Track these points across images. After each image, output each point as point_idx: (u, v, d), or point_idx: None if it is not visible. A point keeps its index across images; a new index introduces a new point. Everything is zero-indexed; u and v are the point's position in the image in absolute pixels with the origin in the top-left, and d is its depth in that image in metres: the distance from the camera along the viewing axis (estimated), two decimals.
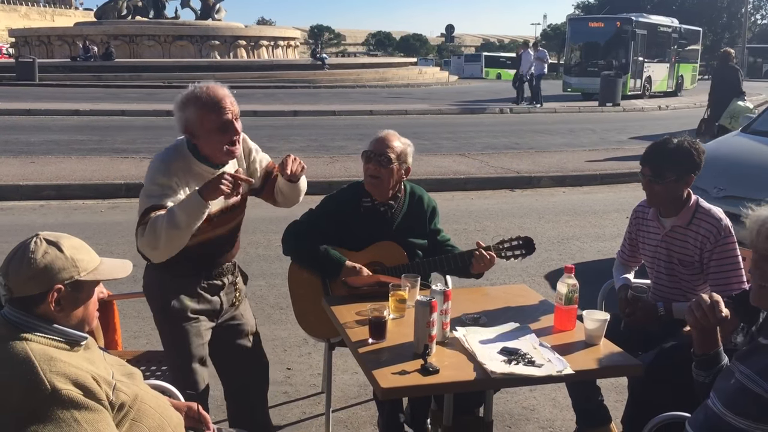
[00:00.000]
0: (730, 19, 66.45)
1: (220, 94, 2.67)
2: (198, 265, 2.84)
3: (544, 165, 11.54)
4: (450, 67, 50.68)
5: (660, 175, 3.07)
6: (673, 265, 3.19)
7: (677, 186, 3.09)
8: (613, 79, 24.31)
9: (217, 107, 2.64)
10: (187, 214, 2.56)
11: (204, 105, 2.64)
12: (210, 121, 2.64)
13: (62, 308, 1.85)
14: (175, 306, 2.81)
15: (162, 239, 2.56)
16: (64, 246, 1.87)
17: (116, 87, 26.39)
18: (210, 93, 2.65)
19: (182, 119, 2.68)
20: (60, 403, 1.71)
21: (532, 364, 2.41)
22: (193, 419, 2.25)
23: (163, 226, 2.54)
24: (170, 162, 2.71)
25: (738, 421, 1.88)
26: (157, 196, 2.63)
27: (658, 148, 3.12)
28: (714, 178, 5.95)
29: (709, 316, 2.05)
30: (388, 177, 3.24)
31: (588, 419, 3.34)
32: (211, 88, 2.67)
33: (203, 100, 2.64)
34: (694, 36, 33.91)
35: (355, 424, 3.72)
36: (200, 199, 2.56)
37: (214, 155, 2.72)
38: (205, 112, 2.64)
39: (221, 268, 2.94)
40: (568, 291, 2.71)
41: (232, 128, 2.69)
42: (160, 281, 2.86)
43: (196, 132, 2.67)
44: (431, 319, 2.44)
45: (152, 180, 2.67)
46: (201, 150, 2.72)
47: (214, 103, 2.64)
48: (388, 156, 3.22)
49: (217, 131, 2.65)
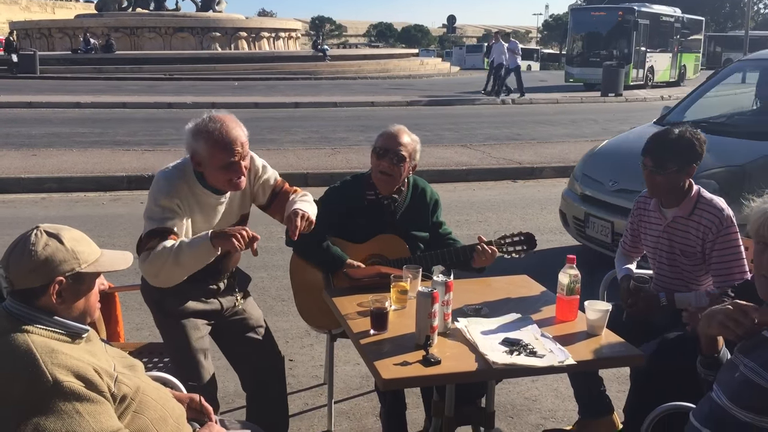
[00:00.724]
0: (733, 8, 66.21)
1: (233, 136, 2.66)
2: (196, 275, 2.80)
3: (546, 156, 11.52)
4: (451, 58, 50.55)
5: (661, 166, 3.05)
6: (675, 256, 3.19)
7: (678, 177, 3.08)
8: (615, 69, 24.22)
9: (227, 148, 2.65)
10: (195, 257, 2.58)
11: (215, 143, 2.64)
12: (218, 160, 2.66)
13: (63, 300, 1.86)
14: (171, 307, 2.83)
15: (164, 272, 2.58)
16: (65, 238, 1.86)
17: (117, 79, 26.36)
18: (223, 132, 2.65)
19: (191, 147, 2.70)
20: (62, 395, 1.71)
21: (534, 354, 2.41)
22: (195, 411, 2.25)
23: (168, 260, 2.55)
24: (174, 182, 2.72)
25: (743, 414, 1.87)
26: (159, 219, 2.63)
27: (660, 139, 3.11)
28: (610, 171, 5.84)
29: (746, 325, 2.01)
30: (399, 174, 3.25)
31: (590, 410, 3.34)
32: (225, 126, 2.66)
33: (215, 137, 2.64)
34: (696, 25, 33.77)
35: (357, 415, 3.73)
36: (210, 246, 2.55)
37: (219, 185, 2.75)
38: (215, 151, 2.65)
39: (221, 275, 2.95)
40: (569, 281, 2.71)
41: (238, 168, 2.69)
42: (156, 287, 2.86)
43: (203, 164, 2.70)
44: (433, 310, 2.44)
45: (155, 201, 2.68)
46: (206, 178, 2.74)
47: (225, 143, 2.65)
48: (402, 155, 3.21)
49: (222, 168, 2.68)
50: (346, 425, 3.63)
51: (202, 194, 2.76)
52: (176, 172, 2.75)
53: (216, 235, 2.56)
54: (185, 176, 2.74)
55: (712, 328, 2.07)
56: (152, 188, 2.73)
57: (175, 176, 2.73)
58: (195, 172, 2.74)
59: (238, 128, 2.70)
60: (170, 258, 2.55)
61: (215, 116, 2.69)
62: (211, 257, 2.59)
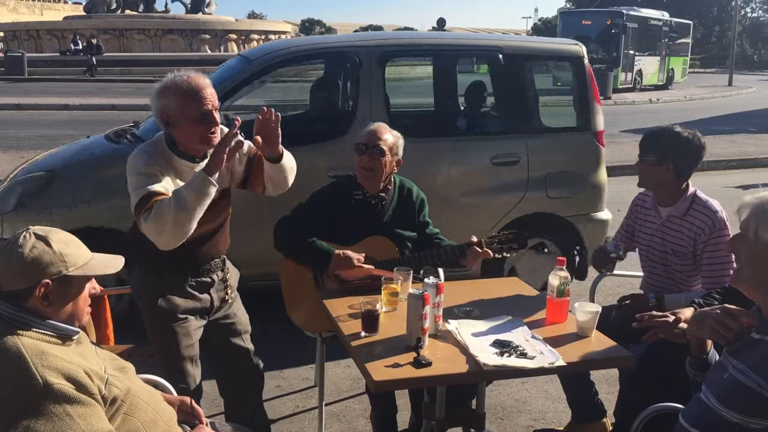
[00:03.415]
0: (720, 12, 66.62)
1: (201, 84, 2.63)
2: (185, 263, 2.78)
3: None
4: None
5: (644, 153, 3.14)
6: (667, 256, 3.21)
7: (659, 169, 3.11)
8: (604, 72, 24.30)
9: (197, 96, 2.60)
10: (195, 194, 2.49)
11: (184, 94, 2.59)
12: (190, 111, 2.59)
13: (50, 303, 1.85)
14: (163, 306, 2.76)
15: (169, 223, 2.47)
16: (53, 240, 1.85)
17: (106, 81, 26.23)
18: (191, 82, 2.61)
19: (160, 107, 2.62)
20: (52, 397, 1.70)
21: (524, 356, 2.42)
22: (186, 413, 2.25)
23: (170, 209, 2.46)
24: (150, 153, 2.65)
25: (731, 415, 1.88)
26: (145, 185, 2.54)
27: (655, 130, 3.20)
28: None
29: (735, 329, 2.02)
30: (381, 169, 3.27)
31: (582, 414, 3.35)
32: (192, 77, 2.63)
33: (183, 88, 2.59)
34: (684, 29, 33.99)
35: (348, 417, 3.73)
36: (204, 175, 2.49)
37: (192, 145, 2.66)
38: (185, 101, 2.58)
39: (209, 264, 2.87)
40: (560, 283, 2.72)
41: (212, 119, 2.63)
42: (147, 281, 2.81)
43: (174, 120, 2.61)
44: (424, 312, 2.45)
45: (136, 171, 2.58)
46: (177, 140, 2.66)
47: (194, 92, 2.60)
48: (381, 148, 3.25)
49: (195, 121, 2.60)
50: (336, 427, 3.63)
51: (178, 166, 2.67)
52: (149, 146, 2.69)
53: (205, 168, 2.52)
54: (159, 149, 2.67)
55: (702, 331, 2.08)
56: (129, 165, 2.62)
57: (149, 149, 2.66)
58: (167, 140, 2.67)
59: (205, 78, 2.67)
60: (172, 206, 2.46)
61: (179, 72, 2.65)
62: (210, 190, 2.51)
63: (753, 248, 1.91)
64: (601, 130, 5.30)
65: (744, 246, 1.94)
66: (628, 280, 4.55)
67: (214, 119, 2.64)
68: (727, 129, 16.17)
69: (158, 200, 2.49)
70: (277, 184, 2.93)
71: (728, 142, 13.87)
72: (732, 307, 2.06)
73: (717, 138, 13.87)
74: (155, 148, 2.68)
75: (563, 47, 5.58)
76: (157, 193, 2.53)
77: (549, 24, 75.18)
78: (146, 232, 2.55)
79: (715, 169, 11.33)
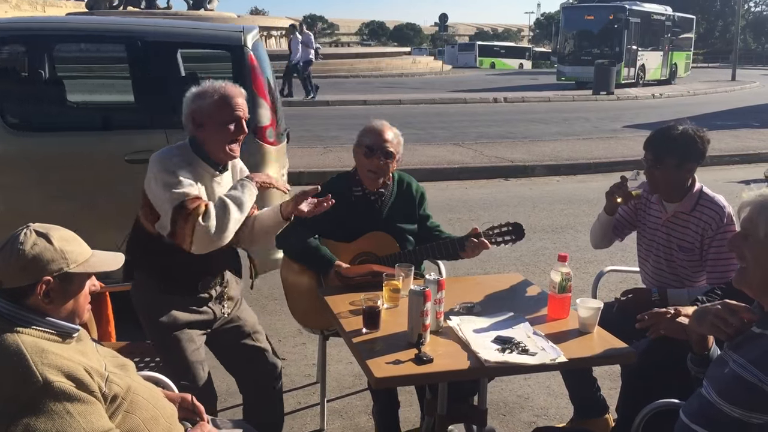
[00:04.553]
0: (723, 6, 66.48)
1: (236, 92, 2.78)
2: (187, 278, 2.80)
3: (538, 154, 11.54)
4: (444, 57, 50.53)
5: (660, 160, 3.07)
6: (672, 251, 3.20)
7: (678, 172, 3.08)
8: (606, 67, 24.30)
9: (231, 102, 2.73)
10: (248, 197, 2.73)
11: (221, 97, 2.73)
12: (221, 115, 2.71)
13: (51, 300, 1.84)
14: (163, 319, 2.79)
15: (230, 223, 2.64)
16: (54, 237, 1.85)
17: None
18: (227, 89, 2.77)
19: (193, 108, 2.73)
20: (52, 395, 1.70)
21: (526, 352, 2.41)
22: (187, 410, 2.25)
23: (232, 210, 2.64)
24: (176, 155, 2.73)
25: (732, 410, 1.88)
26: (184, 185, 2.61)
27: (661, 133, 3.13)
28: None
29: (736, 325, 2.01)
30: (388, 170, 3.28)
31: (585, 410, 3.35)
32: (228, 85, 2.79)
33: (220, 92, 2.74)
34: (687, 24, 33.89)
35: (350, 413, 3.73)
36: (252, 183, 2.76)
37: (215, 149, 2.75)
38: (218, 105, 2.72)
39: (208, 279, 2.87)
40: (561, 279, 2.71)
41: (241, 127, 2.76)
42: (149, 294, 2.84)
43: (205, 122, 2.72)
44: (425, 308, 2.44)
45: (166, 171, 2.64)
46: (204, 145, 2.75)
47: (229, 98, 2.74)
48: (390, 151, 3.25)
49: (226, 126, 2.72)
50: (338, 424, 3.63)
51: (200, 170, 2.75)
52: (174, 149, 2.78)
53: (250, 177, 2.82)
54: (183, 152, 2.76)
55: (703, 327, 2.08)
56: (156, 164, 2.68)
57: (175, 150, 2.77)
58: (192, 144, 2.77)
59: (240, 89, 2.82)
60: (232, 206, 2.66)
61: (216, 81, 2.81)
62: (255, 196, 2.78)
63: (760, 247, 1.89)
64: (265, 126, 4.61)
65: (749, 245, 1.92)
66: (631, 276, 4.54)
67: (242, 127, 2.77)
68: (731, 124, 16.13)
69: (211, 204, 2.63)
70: (260, 239, 3.04)
71: (731, 137, 13.83)
72: (732, 302, 2.05)
73: (720, 133, 13.82)
74: (179, 148, 2.79)
75: (220, 33, 4.99)
76: (198, 196, 2.63)
77: (552, 19, 75.05)
78: (197, 236, 2.58)
79: (719, 164, 11.30)
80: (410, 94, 22.61)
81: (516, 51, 57.88)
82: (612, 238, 3.50)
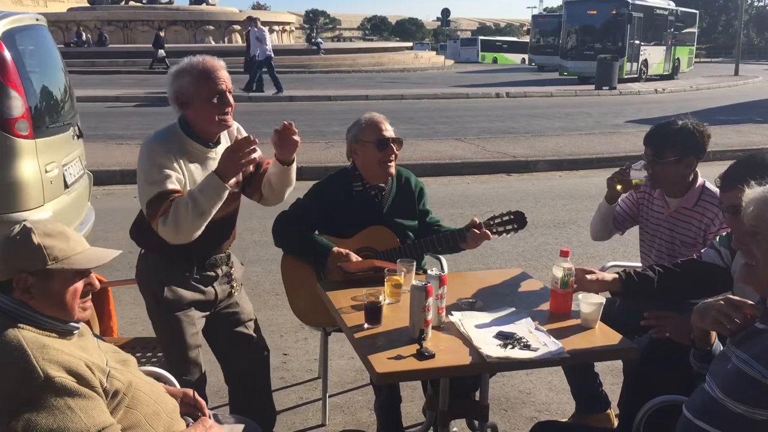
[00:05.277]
0: (726, 1, 66.26)
1: (216, 65, 2.73)
2: (190, 256, 2.81)
3: (540, 149, 11.52)
4: (446, 52, 50.46)
5: (660, 155, 3.06)
6: (674, 246, 3.19)
7: (678, 167, 3.07)
8: (609, 62, 24.23)
9: (212, 77, 2.69)
10: (210, 198, 2.60)
11: (200, 74, 2.69)
12: (204, 90, 2.68)
13: (33, 296, 1.84)
14: (167, 296, 2.79)
15: (185, 226, 2.59)
16: (37, 233, 1.84)
17: (110, 73, 26.22)
18: (206, 63, 2.71)
19: (175, 88, 2.71)
20: (53, 390, 1.70)
21: (528, 347, 2.41)
22: (188, 405, 2.25)
23: (188, 214, 2.57)
24: (164, 141, 2.70)
25: (735, 405, 1.87)
26: (160, 181, 2.61)
27: (661, 128, 3.13)
28: None
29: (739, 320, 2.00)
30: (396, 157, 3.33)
31: (587, 405, 3.35)
32: (206, 59, 2.73)
33: (199, 69, 2.70)
34: (690, 18, 33.78)
35: (352, 408, 3.73)
36: (219, 182, 2.59)
37: (205, 126, 2.73)
38: (200, 81, 2.68)
39: (214, 258, 2.91)
40: (563, 275, 2.70)
41: (226, 99, 2.72)
42: (152, 272, 2.84)
43: (190, 100, 2.70)
44: (427, 303, 2.44)
45: (150, 161, 2.64)
46: (192, 123, 2.72)
47: (209, 72, 2.70)
48: (399, 138, 3.31)
49: (209, 100, 2.69)
50: (340, 419, 3.63)
51: (192, 149, 2.74)
52: (164, 133, 2.76)
53: (219, 170, 2.60)
54: (173, 134, 2.74)
55: (706, 323, 2.07)
56: (144, 153, 2.68)
57: (163, 136, 2.74)
58: (181, 124, 2.74)
59: (219, 61, 2.77)
60: (190, 212, 2.57)
61: (195, 56, 2.76)
62: (224, 194, 2.62)
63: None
64: (14, 119, 4.34)
65: (758, 242, 1.89)
66: None
67: (228, 100, 2.74)
68: (733, 119, 16.09)
69: (174, 201, 2.57)
70: (277, 192, 2.98)
71: (734, 132, 13.80)
72: (736, 298, 2.04)
73: (723, 128, 13.79)
74: (168, 133, 2.75)
75: None
76: (172, 191, 2.60)
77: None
78: (161, 234, 2.62)
79: (721, 159, 11.24)
80: (412, 89, 22.58)
81: (518, 46, 57.73)
82: (612, 231, 3.49)
